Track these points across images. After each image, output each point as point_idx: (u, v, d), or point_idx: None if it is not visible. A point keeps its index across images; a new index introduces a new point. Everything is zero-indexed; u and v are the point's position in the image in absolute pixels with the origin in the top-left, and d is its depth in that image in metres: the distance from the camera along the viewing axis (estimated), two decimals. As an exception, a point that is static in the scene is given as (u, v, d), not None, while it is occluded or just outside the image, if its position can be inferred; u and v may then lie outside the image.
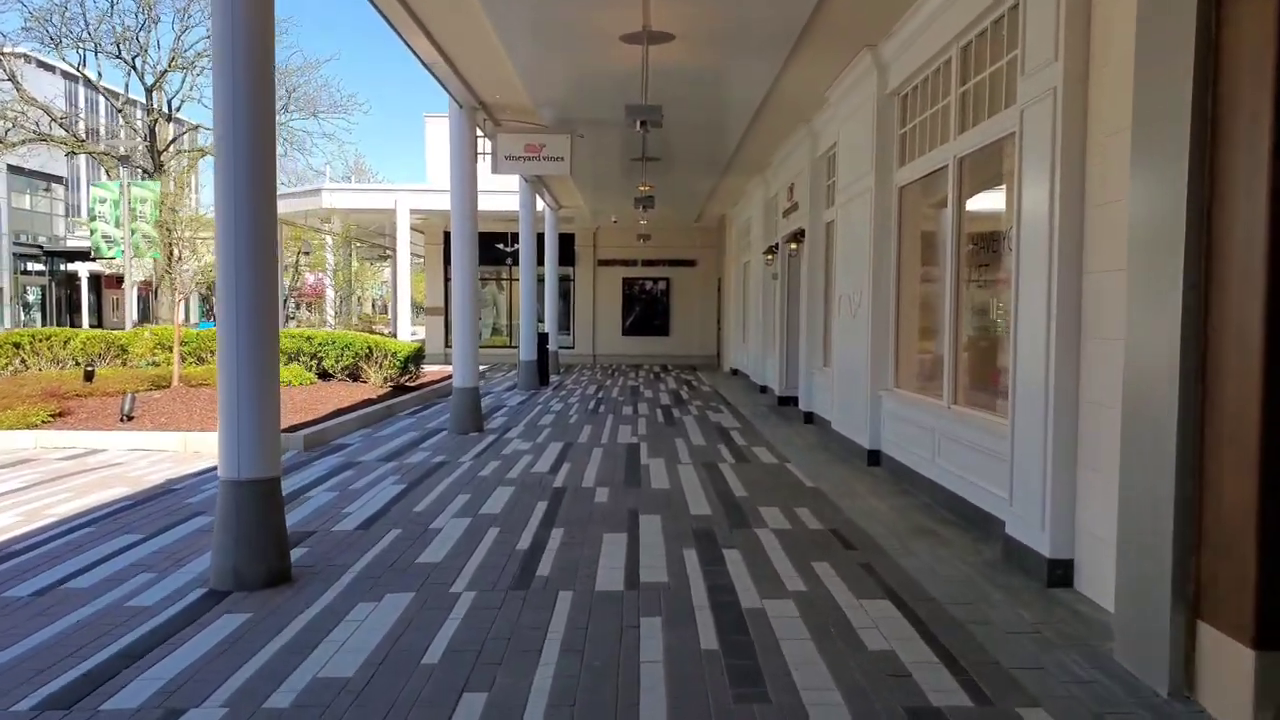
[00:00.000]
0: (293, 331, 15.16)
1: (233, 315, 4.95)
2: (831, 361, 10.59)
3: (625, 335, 25.88)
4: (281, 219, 24.18)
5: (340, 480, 8.04)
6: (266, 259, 5.01)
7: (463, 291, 11.31)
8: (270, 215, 5.07)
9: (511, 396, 15.88)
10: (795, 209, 13.05)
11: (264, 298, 5.00)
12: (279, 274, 5.08)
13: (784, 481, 8.12)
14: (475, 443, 10.40)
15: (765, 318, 16.17)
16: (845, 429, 9.80)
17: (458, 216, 11.25)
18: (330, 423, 10.89)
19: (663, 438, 10.88)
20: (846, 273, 9.87)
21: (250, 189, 4.92)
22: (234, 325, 4.95)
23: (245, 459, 4.96)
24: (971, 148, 6.81)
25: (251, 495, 4.96)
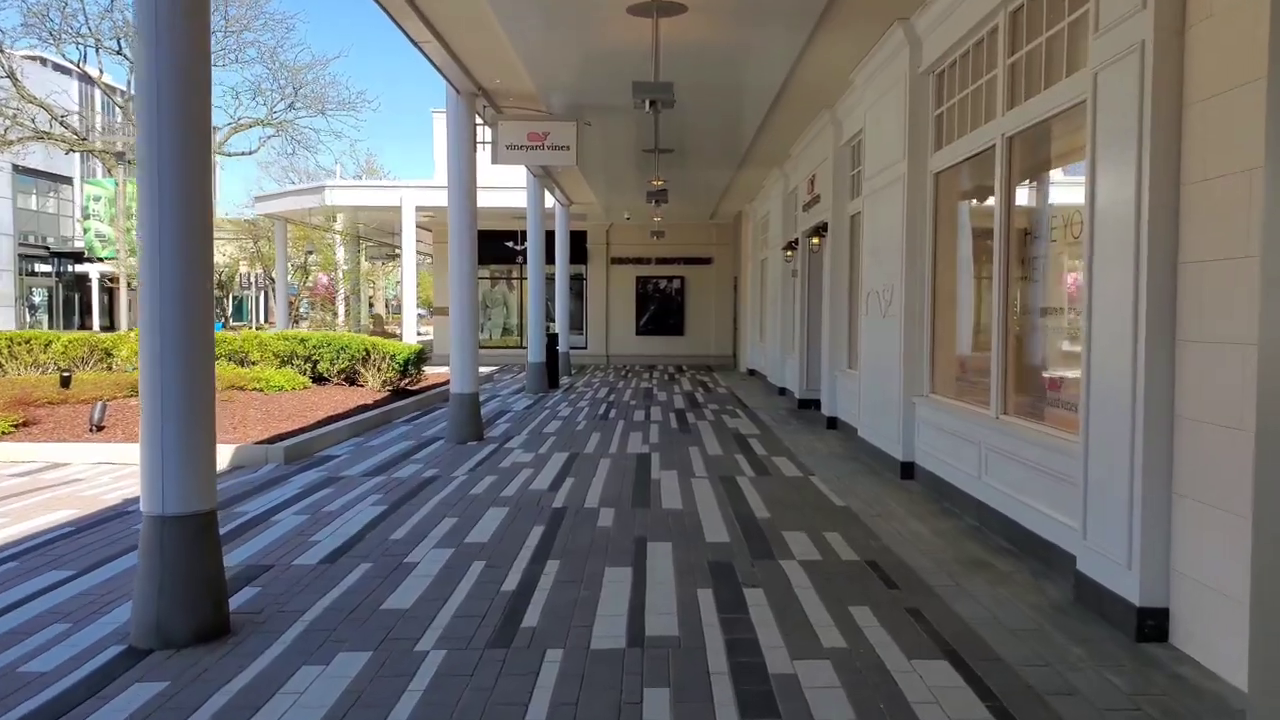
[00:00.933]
0: (286, 333, 14.44)
1: (155, 316, 4.16)
2: (858, 363, 9.73)
3: (639, 335, 25.07)
4: (284, 217, 23.53)
5: (316, 500, 7.26)
6: (196, 250, 4.22)
7: (461, 290, 10.53)
8: (203, 197, 4.28)
9: (518, 400, 15.10)
10: (817, 202, 12.19)
11: (194, 294, 4.21)
12: (213, 268, 4.22)
13: (809, 499, 7.28)
14: (473, 453, 9.61)
15: (784, 317, 15.31)
16: (874, 437, 8.95)
17: (456, 211, 10.46)
18: (317, 432, 10.13)
19: (676, 446, 10.05)
20: (875, 268, 9.01)
21: (176, 165, 4.13)
22: (157, 327, 4.16)
23: (171, 489, 4.17)
24: (1024, 124, 5.95)
25: (179, 533, 4.17)
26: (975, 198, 7.44)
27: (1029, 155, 6.18)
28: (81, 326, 48.13)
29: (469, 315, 10.56)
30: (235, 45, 25.80)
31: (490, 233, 24.12)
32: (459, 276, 10.50)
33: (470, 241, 10.46)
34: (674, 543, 5.91)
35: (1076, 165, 5.69)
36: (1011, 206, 6.28)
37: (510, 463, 9.04)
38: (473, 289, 10.58)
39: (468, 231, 10.44)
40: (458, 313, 10.57)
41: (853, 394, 10.30)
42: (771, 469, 8.68)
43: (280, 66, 30.29)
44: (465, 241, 10.44)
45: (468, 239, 10.45)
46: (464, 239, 10.44)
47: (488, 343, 25.87)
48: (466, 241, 10.45)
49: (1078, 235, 5.50)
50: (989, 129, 6.53)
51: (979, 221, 7.36)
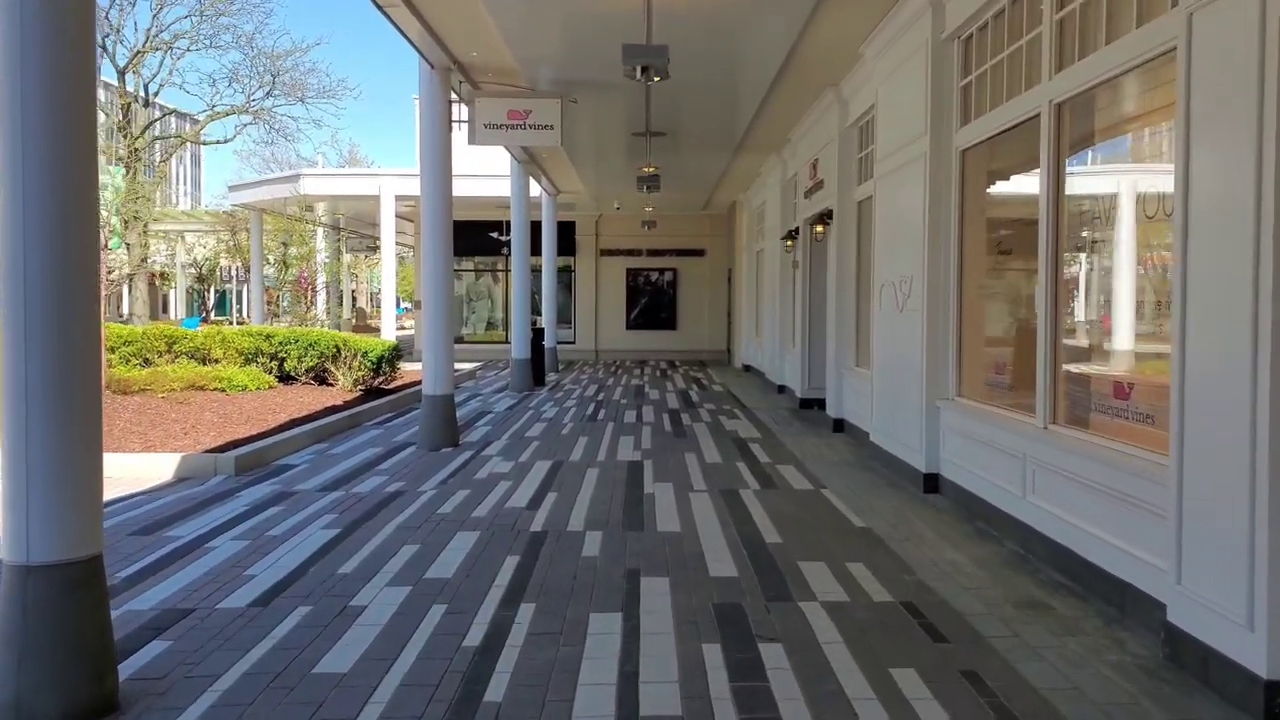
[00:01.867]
0: (251, 329, 13.49)
1: (19, 319, 3.25)
2: (870, 362, 8.88)
3: (629, 329, 24.17)
4: (259, 207, 22.54)
5: (262, 520, 6.36)
6: (77, 239, 3.31)
7: (435, 282, 9.62)
8: (87, 177, 3.37)
9: (500, 400, 14.20)
10: (820, 187, 11.32)
11: (73, 293, 3.31)
12: (100, 261, 3.25)
13: (824, 517, 6.42)
14: (446, 462, 8.71)
15: (783, 310, 14.45)
16: (891, 444, 8.09)
17: (430, 196, 9.55)
18: (275, 438, 9.21)
19: (671, 453, 9.18)
20: (890, 257, 8.15)
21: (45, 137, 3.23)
22: (20, 331, 3.25)
23: (39, 531, 3.27)
24: (1079, 87, 5.09)
25: (48, 587, 3.27)
26: (1011, 176, 6.58)
27: (1084, 123, 5.32)
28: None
29: (444, 310, 9.65)
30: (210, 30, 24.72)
31: (473, 223, 23.23)
32: (433, 267, 9.60)
33: (445, 229, 9.55)
34: (672, 577, 5.04)
35: (1146, 131, 4.84)
36: (1061, 184, 5.42)
37: (487, 473, 8.15)
38: (447, 281, 9.67)
39: (442, 218, 9.53)
40: (431, 307, 9.66)
41: (863, 395, 9.44)
42: (777, 480, 7.81)
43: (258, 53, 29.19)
44: (439, 229, 9.53)
45: (442, 227, 9.54)
46: (438, 227, 9.53)
47: (472, 337, 24.96)
48: (441, 229, 9.54)
49: (1152, 215, 4.65)
50: (1031, 96, 5.67)
51: (1016, 202, 6.50)
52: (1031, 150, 5.81)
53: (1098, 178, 5.40)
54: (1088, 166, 5.46)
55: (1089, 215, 5.29)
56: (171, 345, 13.16)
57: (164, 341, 13.11)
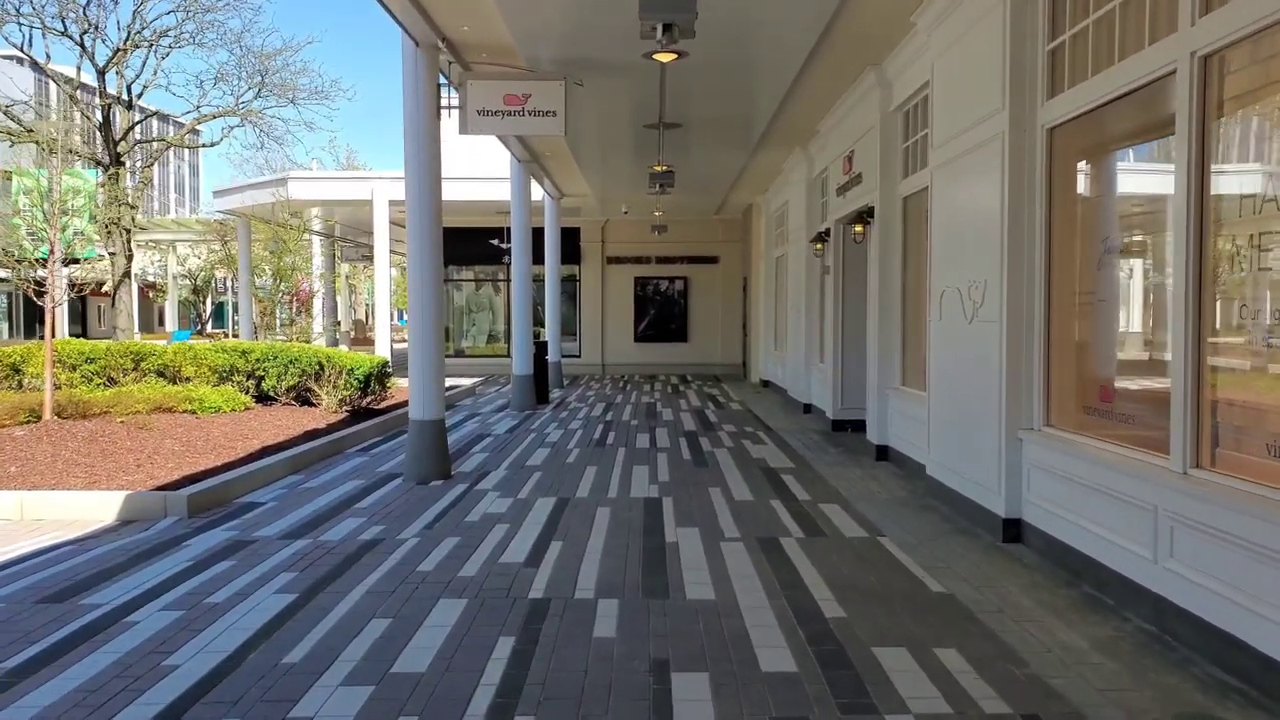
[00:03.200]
0: (225, 345, 12.32)
1: None
2: (926, 381, 7.68)
3: (638, 342, 22.96)
4: (244, 213, 21.44)
5: (205, 582, 5.19)
6: None
7: (424, 293, 8.46)
8: None
9: (500, 420, 13.02)
10: (857, 183, 10.15)
11: None
12: None
13: (891, 579, 5.22)
14: (435, 498, 7.54)
15: (810, 321, 13.26)
16: (956, 480, 6.90)
17: (416, 196, 8.39)
18: (243, 470, 8.04)
19: (693, 487, 7.99)
20: (953, 258, 6.97)
21: None
22: None
23: None
24: (1241, 29, 3.91)
25: None
26: (1120, 155, 5.40)
27: (1244, 80, 4.14)
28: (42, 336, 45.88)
29: (433, 323, 8.49)
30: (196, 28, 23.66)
31: (473, 230, 22.11)
32: (420, 276, 8.44)
33: (434, 232, 8.40)
34: (712, 673, 3.85)
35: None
36: (1206, 159, 4.23)
37: (480, 514, 6.96)
38: (437, 290, 8.51)
39: (430, 220, 8.37)
40: (419, 319, 8.50)
41: (915, 420, 8.25)
42: (824, 524, 6.61)
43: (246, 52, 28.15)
44: (428, 232, 8.37)
45: (430, 229, 8.39)
46: (426, 229, 8.37)
47: (473, 350, 23.81)
48: (429, 232, 8.38)
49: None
50: (1159, 51, 4.50)
51: (1129, 187, 5.32)
52: (1153, 122, 4.64)
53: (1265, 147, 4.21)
54: (1242, 136, 4.28)
55: (1247, 199, 4.10)
56: (139, 363, 12.02)
57: (130, 359, 11.96)
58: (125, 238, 23.58)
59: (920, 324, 8.74)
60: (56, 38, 21.99)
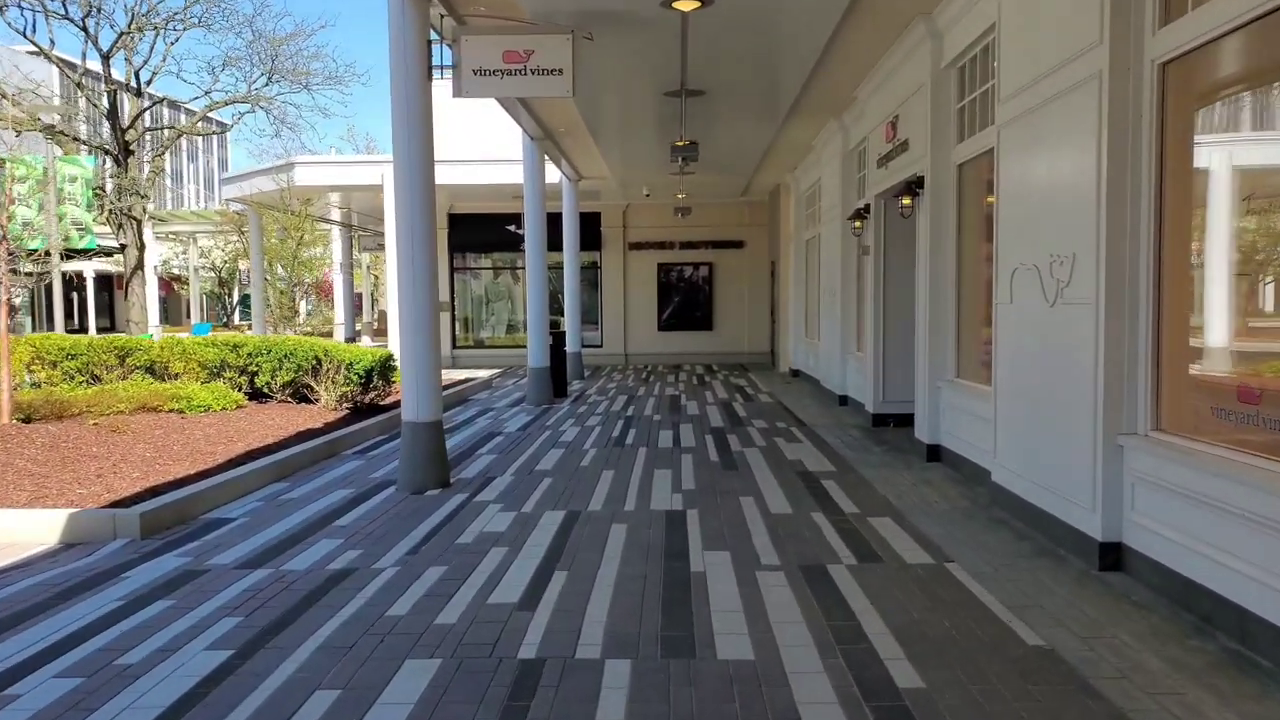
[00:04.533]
0: (216, 339, 11.44)
1: None
2: (993, 373, 6.61)
3: (662, 331, 21.92)
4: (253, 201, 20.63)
5: (127, 632, 4.26)
6: None
7: (414, 279, 7.50)
8: None
9: (514, 416, 12.06)
10: (904, 150, 9.05)
11: None
12: None
13: (972, 625, 4.18)
14: (427, 513, 6.59)
15: (846, 306, 12.17)
16: (1032, 490, 5.83)
17: (404, 168, 7.42)
18: (217, 480, 7.14)
19: (721, 496, 6.99)
20: (1029, 230, 5.89)
21: None
22: None
23: None
24: None
25: None
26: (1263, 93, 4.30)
27: None
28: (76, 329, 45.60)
29: (425, 311, 7.52)
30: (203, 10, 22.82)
31: (490, 216, 21.17)
32: (411, 257, 7.47)
33: (424, 207, 7.42)
34: (754, 781, 2.85)
35: None
36: None
37: (475, 534, 6.00)
38: (429, 273, 7.54)
39: (420, 195, 7.40)
40: (410, 308, 7.54)
41: (976, 417, 7.18)
42: (877, 545, 5.58)
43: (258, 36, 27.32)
44: (418, 208, 7.40)
45: (421, 206, 7.41)
46: (416, 204, 7.40)
47: (492, 341, 22.89)
48: (420, 210, 7.41)
49: None
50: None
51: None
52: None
53: None
54: None
55: None
56: (124, 358, 11.18)
57: (114, 354, 11.13)
58: (136, 228, 22.86)
59: (979, 307, 7.66)
60: (59, 21, 21.26)
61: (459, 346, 22.32)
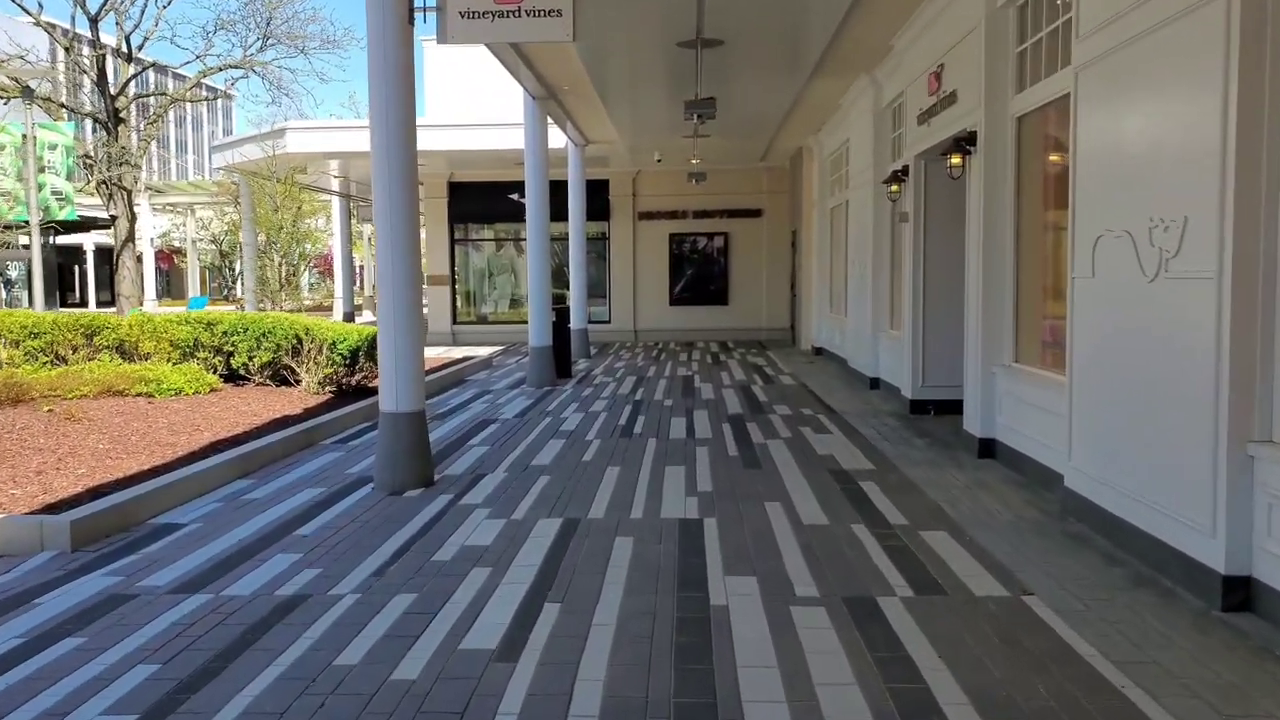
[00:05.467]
0: (189, 315, 10.54)
1: None
2: (1067, 358, 5.63)
3: (674, 305, 20.92)
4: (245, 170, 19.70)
5: (23, 679, 3.40)
6: None
7: (394, 250, 6.57)
8: None
9: (513, 400, 11.16)
10: (950, 104, 8.02)
11: None
12: None
13: (1076, 692, 3.25)
14: (402, 520, 5.70)
15: (879, 279, 11.18)
16: (1123, 504, 4.89)
17: (381, 120, 6.47)
18: (170, 477, 6.28)
19: (743, 501, 6.07)
20: (1120, 190, 4.90)
21: None
22: None
23: None
24: None
25: None
26: None
27: None
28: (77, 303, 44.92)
29: (405, 286, 6.59)
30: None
31: (492, 185, 20.15)
32: (389, 225, 6.53)
33: (403, 170, 6.48)
34: None
35: None
36: None
37: (456, 549, 5.11)
38: (410, 244, 6.61)
39: (399, 152, 6.45)
40: (389, 283, 6.61)
41: (1042, 410, 6.21)
42: (936, 568, 4.65)
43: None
44: (397, 170, 6.46)
45: (400, 166, 6.47)
46: (395, 166, 6.45)
47: (495, 316, 21.94)
48: (399, 170, 6.47)
49: None
50: None
51: None
52: None
53: None
54: None
55: None
56: (91, 337, 10.32)
57: (80, 333, 10.27)
58: (127, 199, 21.95)
59: (1040, 280, 6.69)
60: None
61: (460, 322, 21.40)
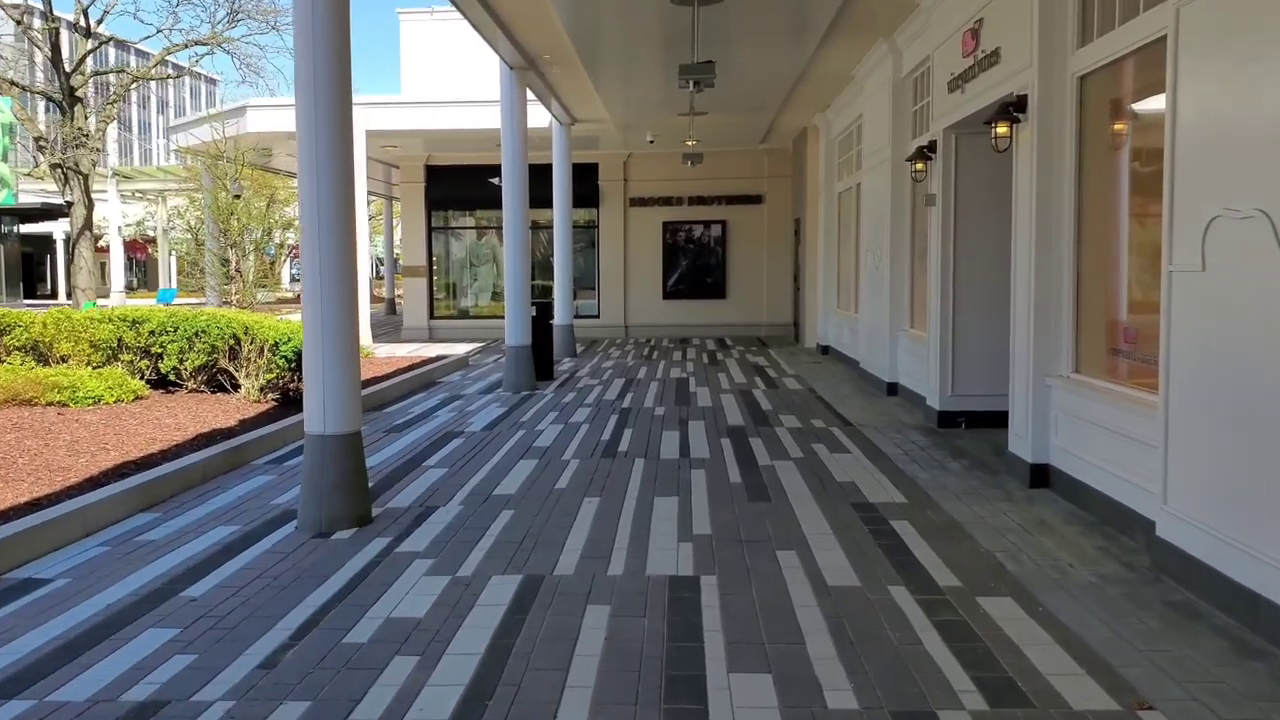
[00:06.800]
0: (111, 313, 9.28)
1: None
2: (1163, 376, 4.43)
3: (668, 299, 19.68)
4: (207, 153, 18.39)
5: None
6: None
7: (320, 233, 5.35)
8: None
9: (485, 408, 9.94)
10: (991, 64, 6.79)
11: None
12: None
13: None
14: (320, 578, 4.49)
15: (898, 271, 9.97)
16: (1260, 575, 3.70)
17: (306, 78, 5.25)
18: (49, 514, 5.08)
19: (750, 549, 4.87)
20: (1242, 160, 3.71)
21: None
22: None
23: None
24: None
25: None
26: None
27: None
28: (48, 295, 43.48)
29: (335, 282, 5.37)
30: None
31: (472, 169, 18.81)
32: (315, 202, 5.32)
33: (337, 128, 5.27)
34: None
35: None
36: None
37: (380, 623, 3.90)
38: (343, 225, 5.38)
39: (329, 120, 5.24)
40: (317, 275, 5.39)
41: (1123, 436, 5.02)
42: (1009, 661, 3.45)
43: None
44: (331, 126, 5.25)
45: (331, 125, 5.25)
46: (325, 124, 5.24)
47: (476, 310, 20.67)
48: (330, 126, 5.26)
49: None
50: None
51: None
52: None
53: None
54: None
55: None
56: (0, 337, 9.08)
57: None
58: (83, 184, 20.64)
59: (1110, 273, 5.50)
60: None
61: (438, 317, 20.11)
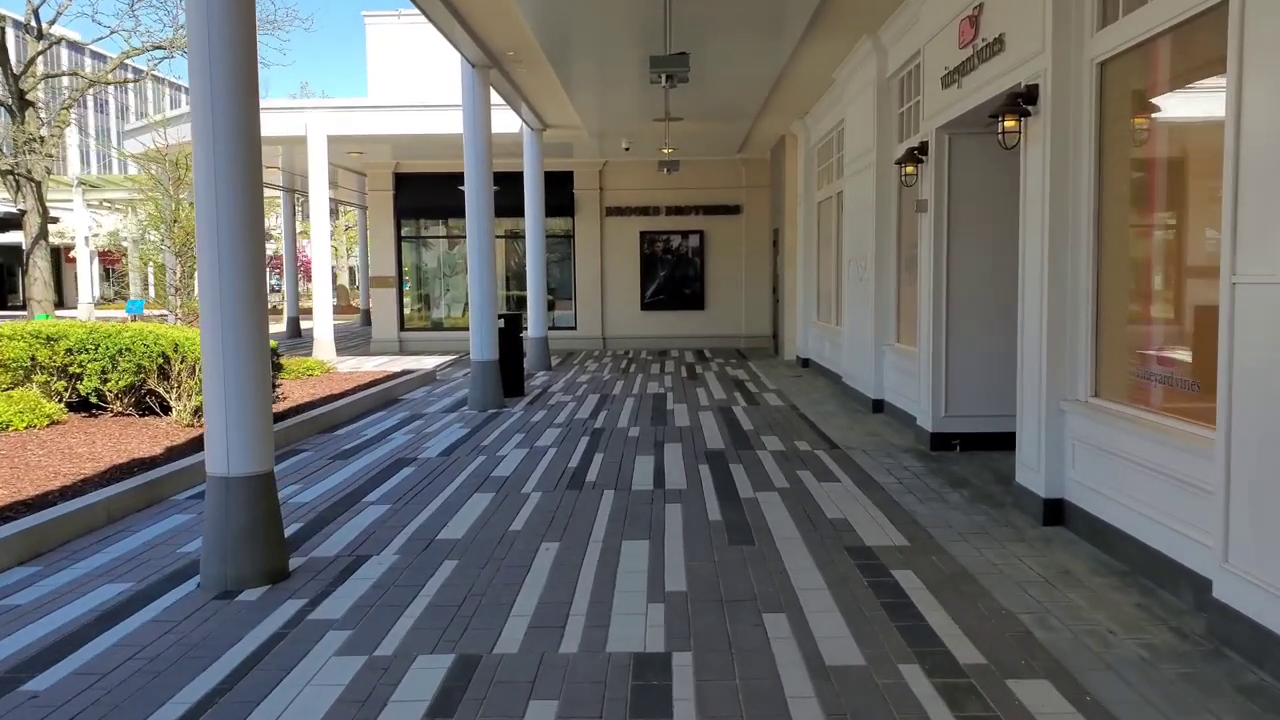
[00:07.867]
0: (24, 328, 8.44)
1: None
2: (1221, 409, 3.73)
3: (645, 310, 18.98)
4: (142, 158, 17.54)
5: None
6: None
7: (220, 241, 4.59)
8: None
9: (445, 430, 9.15)
10: (994, 53, 6.12)
11: None
12: None
13: None
14: (210, 657, 3.71)
15: (884, 282, 9.30)
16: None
17: (200, 57, 4.50)
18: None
19: (733, 614, 4.14)
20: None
21: None
22: None
23: None
24: None
25: None
26: None
27: None
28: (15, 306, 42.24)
29: (237, 300, 4.61)
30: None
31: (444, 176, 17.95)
32: (211, 208, 4.56)
33: (242, 111, 4.52)
34: None
35: None
36: None
37: (263, 730, 3.13)
38: (249, 236, 4.62)
39: (227, 107, 4.49)
40: (216, 291, 4.62)
41: (1161, 475, 4.32)
42: (1059, 780, 2.73)
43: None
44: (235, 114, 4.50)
45: (234, 114, 4.51)
46: (234, 106, 4.50)
47: (450, 322, 19.86)
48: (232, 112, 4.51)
49: None
50: None
51: None
52: None
53: None
54: None
55: None
56: (-99, 357, 8.21)
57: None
58: (37, 191, 19.71)
59: (1137, 284, 4.83)
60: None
61: (409, 328, 19.34)
